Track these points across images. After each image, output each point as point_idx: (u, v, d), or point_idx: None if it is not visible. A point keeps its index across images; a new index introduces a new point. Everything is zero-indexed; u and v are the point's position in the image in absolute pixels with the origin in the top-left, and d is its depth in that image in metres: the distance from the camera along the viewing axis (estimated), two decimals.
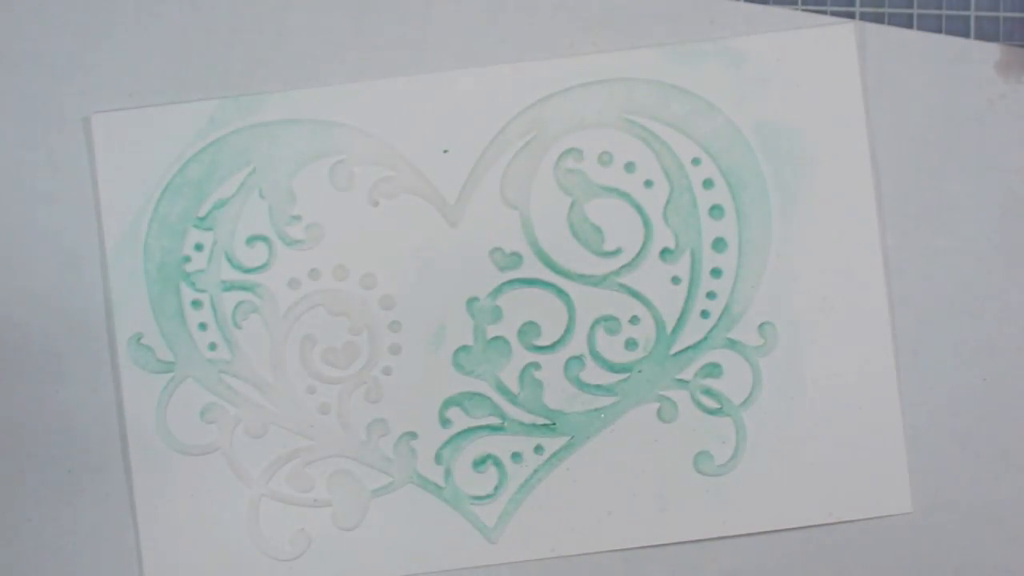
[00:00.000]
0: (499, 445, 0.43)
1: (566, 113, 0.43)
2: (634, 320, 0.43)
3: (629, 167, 0.43)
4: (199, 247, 0.43)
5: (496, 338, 0.43)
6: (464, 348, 0.43)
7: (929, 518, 0.43)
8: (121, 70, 0.43)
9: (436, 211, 0.43)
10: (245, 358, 0.43)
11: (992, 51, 0.43)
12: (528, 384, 0.43)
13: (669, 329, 0.43)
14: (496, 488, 0.43)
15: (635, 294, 0.43)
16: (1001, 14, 0.44)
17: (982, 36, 0.44)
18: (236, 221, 0.43)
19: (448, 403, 0.43)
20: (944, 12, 0.44)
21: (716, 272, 0.43)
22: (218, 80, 0.43)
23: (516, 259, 0.43)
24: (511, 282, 0.43)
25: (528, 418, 0.43)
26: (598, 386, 0.43)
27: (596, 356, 0.43)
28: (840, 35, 0.43)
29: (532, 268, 0.43)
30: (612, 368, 0.43)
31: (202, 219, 0.43)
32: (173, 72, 0.43)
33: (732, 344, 0.43)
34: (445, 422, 0.43)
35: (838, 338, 0.43)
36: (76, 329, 0.43)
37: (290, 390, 0.43)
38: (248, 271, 0.43)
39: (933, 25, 0.44)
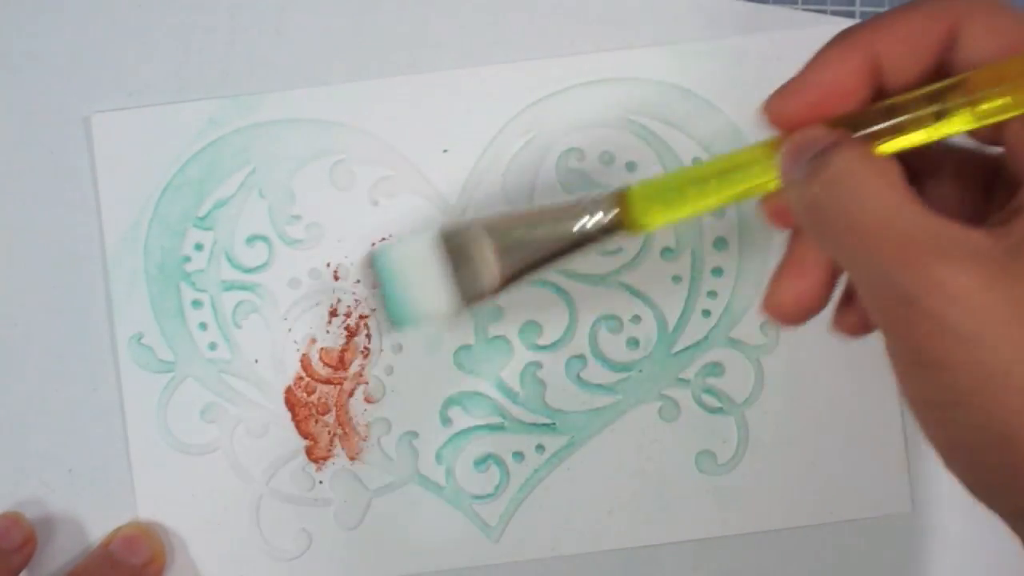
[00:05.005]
0: (500, 444, 0.43)
1: (566, 113, 0.43)
2: (635, 319, 0.43)
3: (630, 166, 0.43)
4: (199, 247, 0.43)
5: (497, 337, 0.43)
6: (465, 347, 0.43)
7: (929, 518, 0.43)
8: (121, 70, 0.43)
9: (437, 211, 0.43)
10: (245, 358, 0.43)
11: None
12: (529, 383, 0.43)
13: (670, 328, 0.43)
14: (497, 487, 0.43)
15: (636, 293, 0.43)
16: None
17: None
18: (236, 221, 0.43)
19: (449, 402, 0.43)
20: None
21: (717, 271, 0.43)
22: (218, 80, 0.43)
23: None
24: None
25: (529, 417, 0.43)
26: (599, 385, 0.43)
27: (597, 355, 0.43)
28: None
29: None
30: (613, 367, 0.43)
31: (202, 219, 0.43)
32: (173, 72, 0.43)
33: (734, 343, 0.43)
34: (446, 421, 0.43)
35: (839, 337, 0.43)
36: (76, 329, 0.43)
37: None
38: (248, 271, 0.43)
39: None
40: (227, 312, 0.43)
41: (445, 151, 0.43)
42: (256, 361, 0.43)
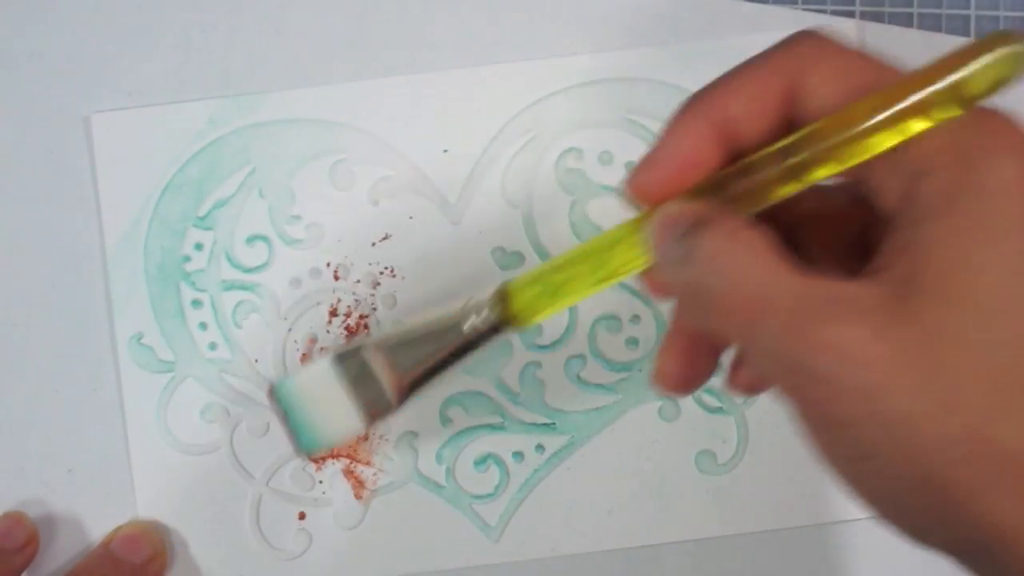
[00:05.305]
0: (500, 444, 0.43)
1: (566, 113, 0.43)
2: (635, 319, 0.43)
3: (630, 166, 0.43)
4: (199, 247, 0.43)
5: None
6: None
7: None
8: (121, 70, 0.43)
9: (437, 210, 0.43)
10: (245, 357, 0.43)
11: None
12: (529, 383, 0.43)
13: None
14: (497, 487, 0.43)
15: (636, 293, 0.43)
16: (1001, 13, 0.44)
17: (982, 35, 0.44)
18: (236, 221, 0.43)
19: (449, 402, 0.43)
20: (944, 11, 0.44)
21: None
22: (218, 80, 0.43)
23: (517, 258, 0.43)
24: None
25: (529, 417, 0.43)
26: (599, 385, 0.43)
27: (597, 355, 0.43)
28: (840, 34, 0.43)
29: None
30: (613, 367, 0.43)
31: (202, 219, 0.43)
32: (173, 72, 0.43)
33: None
34: (446, 421, 0.43)
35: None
36: (76, 329, 0.43)
37: None
38: (248, 270, 0.43)
39: (933, 24, 0.44)
40: (227, 312, 0.43)
41: (445, 151, 0.43)
42: (256, 361, 0.43)
